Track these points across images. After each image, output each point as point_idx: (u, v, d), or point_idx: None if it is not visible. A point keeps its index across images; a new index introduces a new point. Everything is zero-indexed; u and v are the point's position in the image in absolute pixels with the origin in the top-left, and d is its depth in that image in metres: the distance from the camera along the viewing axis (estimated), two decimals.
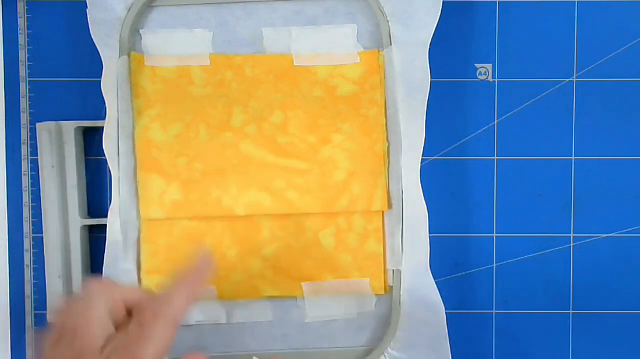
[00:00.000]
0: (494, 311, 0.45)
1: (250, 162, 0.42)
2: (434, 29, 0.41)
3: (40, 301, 0.45)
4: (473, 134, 0.45)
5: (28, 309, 0.45)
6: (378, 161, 0.42)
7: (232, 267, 0.42)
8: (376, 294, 0.43)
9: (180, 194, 0.42)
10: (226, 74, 0.42)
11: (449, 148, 0.44)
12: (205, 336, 0.43)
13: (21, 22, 0.44)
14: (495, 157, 0.45)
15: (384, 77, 0.42)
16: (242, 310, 0.43)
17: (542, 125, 0.44)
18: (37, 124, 0.43)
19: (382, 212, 0.42)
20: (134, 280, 0.42)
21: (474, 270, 0.45)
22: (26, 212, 0.45)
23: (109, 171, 0.42)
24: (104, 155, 0.42)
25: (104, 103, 0.42)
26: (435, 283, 0.41)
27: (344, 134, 0.42)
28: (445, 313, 0.41)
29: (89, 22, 0.42)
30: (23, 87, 0.45)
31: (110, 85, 0.42)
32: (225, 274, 0.42)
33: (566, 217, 0.44)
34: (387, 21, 0.42)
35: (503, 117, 0.44)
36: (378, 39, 0.43)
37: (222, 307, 0.43)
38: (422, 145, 0.42)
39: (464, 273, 0.44)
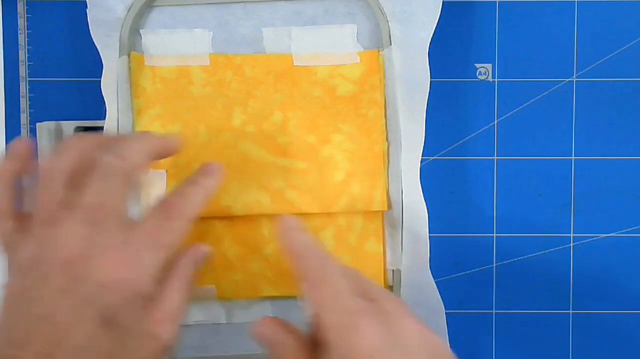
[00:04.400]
0: (494, 311, 0.45)
1: (250, 162, 0.42)
2: (434, 28, 0.41)
3: None
4: (473, 134, 0.45)
5: None
6: (378, 161, 0.42)
7: (232, 267, 0.42)
8: None
9: None
10: (226, 74, 0.42)
11: (449, 148, 0.44)
12: (205, 336, 0.43)
13: (21, 22, 0.44)
14: (495, 157, 0.45)
15: (384, 77, 0.42)
16: (243, 310, 0.43)
17: (542, 125, 0.44)
18: (37, 124, 0.43)
19: (382, 212, 0.42)
20: None
21: (474, 270, 0.45)
22: None
23: None
24: None
25: (104, 103, 0.42)
26: (435, 282, 0.41)
27: (343, 135, 0.42)
28: (445, 313, 0.41)
29: (89, 23, 0.42)
30: (23, 87, 0.45)
31: (110, 85, 0.42)
32: (226, 274, 0.42)
33: (566, 217, 0.44)
34: (387, 21, 0.42)
35: (503, 117, 0.44)
36: (378, 39, 0.42)
37: (222, 307, 0.43)
38: (422, 145, 0.42)
39: (464, 272, 0.44)
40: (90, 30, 0.42)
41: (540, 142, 0.44)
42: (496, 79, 0.44)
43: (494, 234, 0.45)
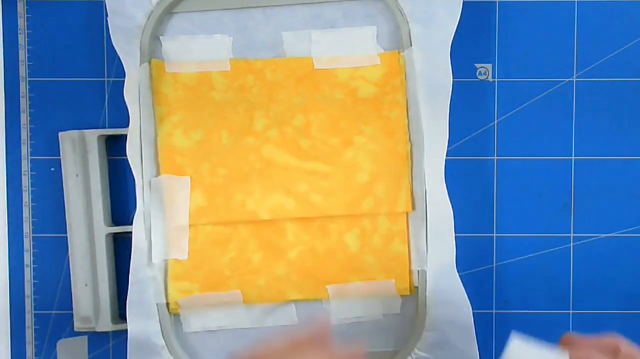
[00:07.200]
0: (494, 311, 0.45)
1: (273, 166, 0.42)
2: (454, 28, 0.41)
3: (40, 301, 0.45)
4: (473, 134, 0.45)
5: (28, 309, 0.45)
6: (401, 162, 0.42)
7: (257, 271, 0.42)
8: (401, 295, 0.43)
9: (204, 200, 0.42)
10: (247, 79, 0.42)
11: (449, 148, 0.44)
12: (231, 340, 0.43)
13: (21, 22, 0.44)
14: (495, 157, 0.45)
15: (405, 78, 0.42)
16: (268, 314, 0.43)
17: (542, 125, 0.44)
18: (60, 133, 0.43)
19: (407, 213, 0.42)
20: (161, 287, 0.42)
21: (474, 270, 0.45)
22: (26, 213, 0.45)
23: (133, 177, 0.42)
24: (128, 162, 0.42)
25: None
26: None
27: (366, 136, 0.42)
28: None
29: (110, 31, 0.42)
30: (23, 87, 0.45)
31: (132, 92, 0.42)
32: (251, 279, 0.42)
33: (566, 217, 0.45)
34: (407, 22, 0.42)
35: (503, 117, 0.44)
36: (398, 40, 0.42)
37: (248, 311, 0.43)
38: (446, 145, 0.42)
39: (464, 272, 0.44)
40: (112, 38, 0.42)
41: (540, 142, 0.44)
42: (496, 79, 0.44)
43: (494, 234, 0.45)
